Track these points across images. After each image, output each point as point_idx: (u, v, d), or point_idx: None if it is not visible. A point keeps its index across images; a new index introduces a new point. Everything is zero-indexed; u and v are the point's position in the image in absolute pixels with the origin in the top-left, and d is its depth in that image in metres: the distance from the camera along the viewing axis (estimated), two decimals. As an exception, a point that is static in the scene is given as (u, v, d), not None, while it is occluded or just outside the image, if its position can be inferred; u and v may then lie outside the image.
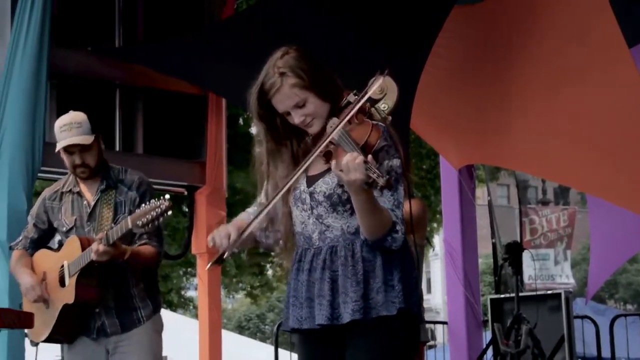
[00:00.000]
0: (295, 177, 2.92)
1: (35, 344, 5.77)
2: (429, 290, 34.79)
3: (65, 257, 4.26)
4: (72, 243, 4.24)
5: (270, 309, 33.62)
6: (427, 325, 5.82)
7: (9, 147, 5.42)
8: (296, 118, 3.00)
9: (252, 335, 28.96)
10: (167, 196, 3.95)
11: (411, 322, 2.97)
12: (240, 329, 31.77)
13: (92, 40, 6.38)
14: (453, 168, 7.60)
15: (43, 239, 4.48)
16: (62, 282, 4.25)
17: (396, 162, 2.94)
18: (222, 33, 6.49)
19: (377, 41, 5.89)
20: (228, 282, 18.24)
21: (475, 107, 6.54)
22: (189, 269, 15.69)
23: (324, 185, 3.00)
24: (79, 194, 4.36)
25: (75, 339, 4.35)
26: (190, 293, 21.15)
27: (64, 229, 4.37)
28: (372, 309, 2.90)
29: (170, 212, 3.87)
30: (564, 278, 20.40)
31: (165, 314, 4.70)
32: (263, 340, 25.36)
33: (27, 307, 4.39)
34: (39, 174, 5.66)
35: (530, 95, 6.00)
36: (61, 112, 6.11)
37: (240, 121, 13.27)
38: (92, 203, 4.32)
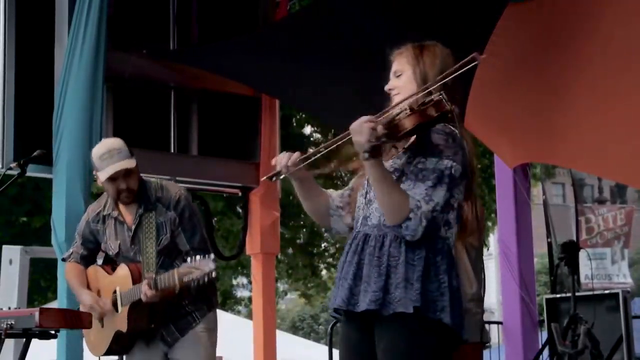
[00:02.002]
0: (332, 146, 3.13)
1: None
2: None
3: (117, 283, 4.35)
4: (122, 270, 4.34)
5: (324, 310, 33.61)
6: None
7: (67, 150, 5.48)
8: (389, 84, 3.29)
9: (306, 336, 28.99)
10: (213, 255, 4.02)
11: (434, 328, 2.96)
12: (294, 329, 31.83)
13: (147, 43, 6.44)
14: (508, 167, 7.53)
15: (93, 255, 4.60)
16: (115, 306, 4.35)
17: (447, 163, 2.99)
18: (276, 34, 6.50)
19: (431, 40, 5.86)
20: (281, 283, 18.31)
21: (529, 105, 6.48)
22: (241, 269, 15.74)
23: None
24: (118, 218, 4.42)
25: (129, 351, 4.47)
26: (243, 293, 21.26)
27: (111, 253, 4.47)
28: (390, 304, 2.94)
29: (214, 275, 3.96)
30: (622, 277, 20.11)
31: (220, 314, 4.74)
32: (317, 340, 25.38)
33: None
34: (96, 177, 5.72)
35: (587, 93, 5.93)
36: (117, 114, 6.25)
37: (293, 122, 13.30)
38: (133, 227, 4.37)
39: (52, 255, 5.53)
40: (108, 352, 4.48)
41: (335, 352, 8.39)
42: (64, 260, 4.70)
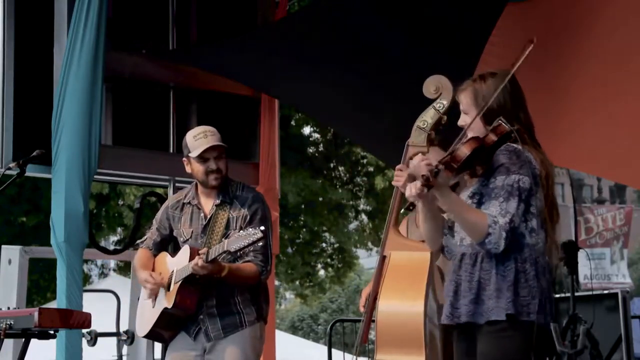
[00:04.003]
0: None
1: (92, 344, 5.88)
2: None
3: (177, 264, 4.43)
4: (185, 251, 4.42)
5: (323, 310, 33.65)
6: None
7: (66, 149, 5.48)
8: (460, 119, 3.57)
9: (305, 336, 29.01)
10: (263, 227, 4.12)
11: (526, 329, 3.25)
12: (294, 329, 31.84)
13: (146, 43, 6.44)
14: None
15: (165, 242, 4.71)
16: (169, 287, 4.41)
17: (514, 177, 3.31)
18: (275, 34, 6.51)
19: (430, 40, 5.87)
20: (279, 282, 18.31)
21: (528, 105, 6.48)
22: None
23: (462, 197, 3.43)
24: (197, 206, 4.53)
25: (170, 341, 4.52)
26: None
27: (182, 239, 4.57)
28: (484, 313, 3.30)
29: (261, 243, 4.16)
30: (621, 277, 20.14)
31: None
32: (316, 340, 25.39)
33: (141, 301, 4.63)
34: (95, 176, 5.72)
35: (586, 93, 5.94)
36: (117, 114, 6.25)
37: (293, 122, 13.30)
38: (208, 216, 4.48)
39: (51, 255, 5.53)
40: (152, 334, 4.54)
41: (335, 352, 8.39)
42: (137, 245, 4.77)
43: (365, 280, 28.16)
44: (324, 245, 15.95)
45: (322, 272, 16.65)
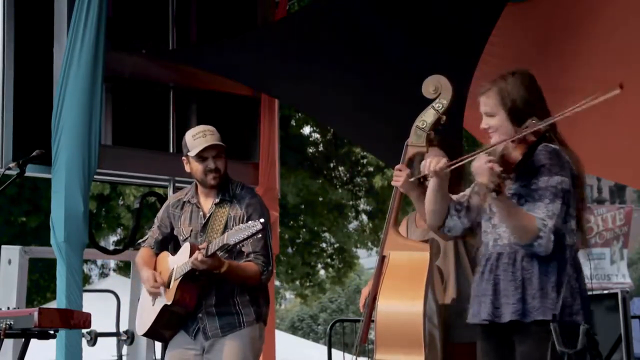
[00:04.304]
0: (464, 161, 3.51)
1: (92, 344, 5.88)
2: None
3: (178, 262, 4.43)
4: (185, 249, 4.41)
5: (322, 310, 33.65)
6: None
7: (66, 149, 5.48)
8: (482, 122, 3.56)
9: (305, 336, 29.01)
10: (262, 220, 4.12)
11: (569, 329, 3.28)
12: (293, 329, 31.84)
13: (146, 43, 6.44)
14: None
15: (166, 240, 4.71)
16: (169, 284, 4.41)
17: (557, 179, 3.34)
18: (275, 34, 6.51)
19: (430, 40, 5.87)
20: (280, 283, 18.30)
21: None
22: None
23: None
24: (197, 205, 4.55)
25: (170, 340, 4.52)
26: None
27: (182, 237, 4.58)
28: (529, 312, 3.32)
29: (260, 235, 4.14)
30: (620, 277, 20.14)
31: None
32: (316, 340, 25.39)
33: (142, 300, 4.62)
34: (95, 176, 5.72)
35: (586, 93, 5.92)
36: (117, 114, 6.25)
37: (293, 122, 13.31)
38: (207, 215, 4.48)
39: (51, 255, 5.53)
40: (152, 332, 4.53)
41: (335, 352, 8.39)
42: (139, 245, 4.78)
43: (365, 280, 28.14)
44: (324, 245, 15.95)
45: (322, 272, 16.65)
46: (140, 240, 4.82)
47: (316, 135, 14.58)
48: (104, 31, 5.56)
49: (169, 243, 4.76)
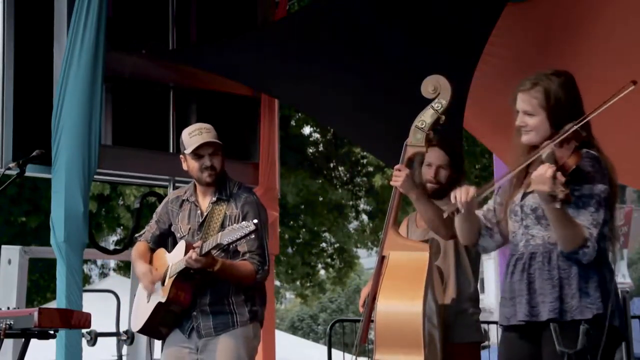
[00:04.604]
0: (515, 172, 3.46)
1: (92, 344, 5.88)
2: (482, 290, 34.56)
3: (173, 259, 4.44)
4: (181, 246, 4.43)
5: (322, 310, 33.66)
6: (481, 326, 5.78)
7: (66, 149, 5.48)
8: (518, 120, 3.48)
9: (305, 336, 29.02)
10: (256, 220, 4.12)
11: (607, 332, 3.30)
12: (293, 329, 31.85)
13: (146, 43, 6.44)
14: (507, 166, 7.53)
15: (164, 236, 4.71)
16: (164, 282, 4.42)
17: (600, 187, 3.32)
18: (275, 34, 6.51)
19: (430, 40, 5.87)
20: (280, 283, 18.30)
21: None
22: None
23: (532, 200, 3.40)
24: (195, 203, 4.56)
25: (166, 337, 4.52)
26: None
27: (179, 235, 4.58)
28: (567, 312, 3.30)
29: (254, 235, 4.13)
30: (620, 277, 20.10)
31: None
32: (316, 340, 25.40)
33: (137, 296, 4.63)
34: (95, 176, 5.72)
35: (585, 92, 5.92)
36: (116, 114, 6.25)
37: (293, 122, 13.31)
38: (205, 213, 4.49)
39: (51, 255, 5.53)
40: (146, 328, 4.52)
41: (335, 352, 8.39)
42: (135, 239, 4.79)
43: (365, 280, 28.16)
44: (324, 245, 15.95)
45: (322, 272, 16.65)
46: (137, 235, 4.82)
47: (316, 135, 14.58)
48: (103, 31, 5.56)
49: (167, 239, 4.75)
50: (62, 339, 5.25)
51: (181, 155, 4.59)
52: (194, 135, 4.48)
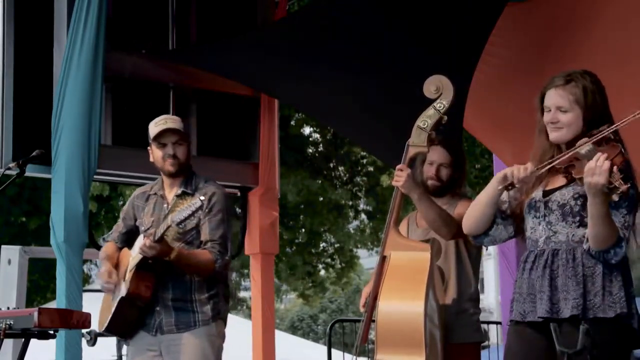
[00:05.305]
0: (553, 163, 3.36)
1: (92, 344, 5.87)
2: (482, 290, 34.54)
3: (133, 254, 4.43)
4: (139, 241, 4.39)
5: (322, 310, 33.66)
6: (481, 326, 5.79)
7: (65, 149, 5.48)
8: (549, 116, 3.44)
9: (305, 336, 29.03)
10: (202, 197, 4.11)
11: (624, 332, 3.33)
12: (293, 329, 31.86)
13: (146, 43, 6.44)
14: (507, 167, 7.52)
15: (131, 233, 4.66)
16: (125, 277, 4.40)
17: (631, 191, 3.22)
18: (275, 34, 6.51)
19: (430, 40, 5.87)
20: (280, 283, 18.30)
21: (528, 105, 6.46)
22: (243, 270, 15.75)
23: (560, 196, 3.38)
24: (162, 196, 4.54)
25: (132, 336, 4.48)
26: (243, 294, 21.19)
27: (143, 228, 4.54)
28: (589, 309, 3.28)
29: (200, 212, 4.07)
30: (620, 278, 20.13)
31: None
32: (316, 340, 25.40)
33: (104, 297, 4.59)
34: (95, 176, 5.72)
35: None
36: (116, 114, 6.25)
37: (292, 122, 13.31)
38: (170, 206, 4.46)
39: (51, 255, 5.53)
40: (111, 327, 4.47)
41: (335, 352, 8.39)
42: (104, 240, 4.76)
43: (365, 280, 28.16)
44: (324, 245, 15.96)
45: (322, 272, 16.65)
46: (103, 236, 4.80)
47: (316, 135, 14.59)
48: (103, 31, 5.56)
49: (135, 236, 4.67)
50: (62, 339, 5.25)
51: (148, 147, 4.56)
52: (160, 124, 4.47)
